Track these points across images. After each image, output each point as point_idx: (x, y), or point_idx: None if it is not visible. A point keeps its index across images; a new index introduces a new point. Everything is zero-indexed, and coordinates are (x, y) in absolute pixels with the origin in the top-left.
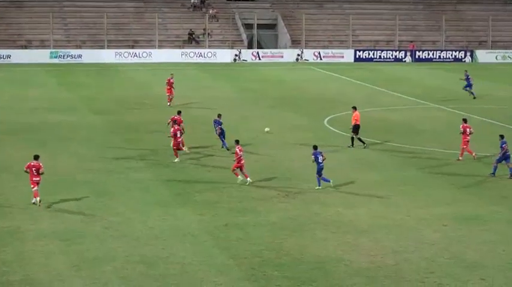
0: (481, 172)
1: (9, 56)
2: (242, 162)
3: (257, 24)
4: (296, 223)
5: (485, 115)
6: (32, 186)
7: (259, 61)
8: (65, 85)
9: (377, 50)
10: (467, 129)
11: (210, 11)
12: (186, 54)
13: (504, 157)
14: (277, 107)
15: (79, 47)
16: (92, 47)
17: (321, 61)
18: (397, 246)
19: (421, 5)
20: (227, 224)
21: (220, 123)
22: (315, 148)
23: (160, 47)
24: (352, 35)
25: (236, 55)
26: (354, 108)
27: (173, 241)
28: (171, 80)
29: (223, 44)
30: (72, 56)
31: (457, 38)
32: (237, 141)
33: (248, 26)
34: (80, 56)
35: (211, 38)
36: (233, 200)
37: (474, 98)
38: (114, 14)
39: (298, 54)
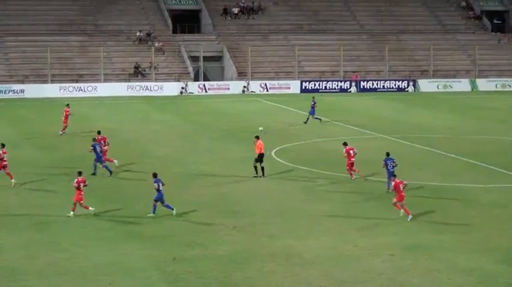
0: (426, 201)
1: None
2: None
3: (203, 57)
4: (244, 255)
5: (429, 144)
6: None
7: (206, 93)
8: (6, 120)
9: (323, 81)
10: (351, 152)
11: (156, 44)
12: (132, 88)
13: (389, 174)
14: (223, 139)
15: (21, 81)
16: (35, 82)
17: (268, 92)
18: (346, 276)
19: (365, 35)
20: (175, 258)
21: (97, 146)
22: (155, 175)
23: (105, 80)
24: (298, 66)
25: (183, 88)
26: (257, 137)
27: (120, 277)
28: (68, 110)
29: (169, 77)
30: (14, 91)
31: (400, 68)
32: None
33: (194, 59)
34: (22, 91)
35: (157, 71)
36: (181, 233)
37: (305, 123)
38: (58, 48)
39: (245, 86)
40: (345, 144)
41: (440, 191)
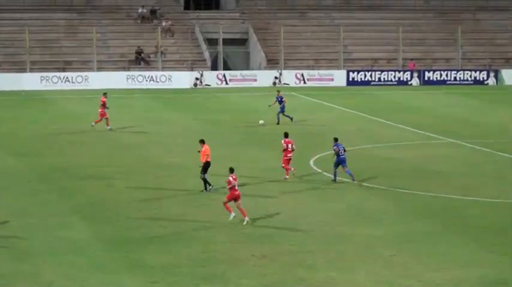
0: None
1: None
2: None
3: (223, 40)
4: None
5: None
6: None
7: (227, 86)
8: None
9: (375, 71)
10: (289, 146)
11: (164, 24)
12: (133, 78)
13: (339, 161)
14: (249, 144)
15: None
16: (9, 71)
17: (305, 85)
18: None
19: (431, 13)
20: None
21: None
22: (336, 140)
23: (99, 69)
24: (344, 52)
25: (197, 79)
26: (202, 141)
27: None
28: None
29: (180, 64)
30: None
31: (478, 55)
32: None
33: (212, 42)
34: None
35: (165, 57)
36: (195, 264)
37: (278, 123)
38: (39, 28)
39: (276, 77)
40: (286, 135)
41: None
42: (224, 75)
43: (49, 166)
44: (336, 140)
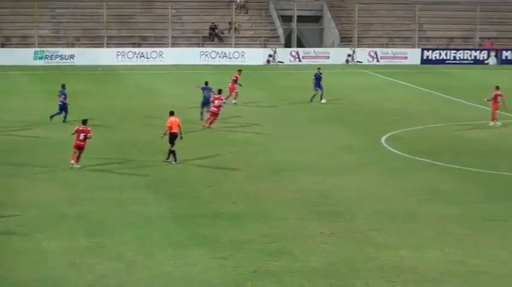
0: None
1: None
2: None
3: (297, 17)
4: (344, 269)
5: None
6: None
7: (300, 63)
8: (51, 93)
9: (451, 50)
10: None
11: (238, 0)
12: (206, 55)
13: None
14: (321, 121)
15: (71, 45)
16: (87, 45)
17: (378, 63)
18: None
19: None
20: (256, 270)
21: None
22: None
23: (174, 45)
24: (419, 30)
25: (270, 55)
26: (171, 113)
27: None
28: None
29: (254, 41)
30: (62, 57)
31: None
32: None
33: (286, 19)
34: (72, 56)
35: (238, 33)
36: (264, 240)
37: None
38: (116, 3)
39: (349, 55)
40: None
41: None
42: (297, 53)
43: (123, 140)
44: (206, 83)
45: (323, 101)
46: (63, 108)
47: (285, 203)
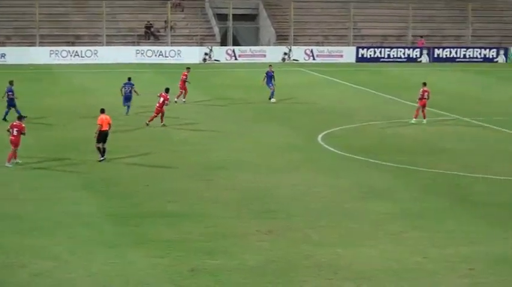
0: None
1: None
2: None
3: (233, 15)
4: (280, 267)
5: None
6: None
7: (236, 61)
8: None
9: (385, 48)
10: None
11: None
12: (142, 53)
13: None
14: (257, 120)
15: (2, 43)
16: (19, 44)
17: (314, 61)
18: None
19: None
20: (193, 269)
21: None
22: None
23: (108, 43)
24: (354, 29)
25: (206, 54)
26: (102, 111)
27: None
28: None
29: (190, 40)
30: None
31: (488, 32)
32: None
33: (221, 17)
34: (3, 55)
35: (174, 32)
36: (200, 238)
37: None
38: (48, 1)
39: (285, 53)
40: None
41: None
42: (234, 51)
43: (56, 138)
44: (129, 79)
45: (273, 99)
46: (12, 104)
47: (221, 201)
